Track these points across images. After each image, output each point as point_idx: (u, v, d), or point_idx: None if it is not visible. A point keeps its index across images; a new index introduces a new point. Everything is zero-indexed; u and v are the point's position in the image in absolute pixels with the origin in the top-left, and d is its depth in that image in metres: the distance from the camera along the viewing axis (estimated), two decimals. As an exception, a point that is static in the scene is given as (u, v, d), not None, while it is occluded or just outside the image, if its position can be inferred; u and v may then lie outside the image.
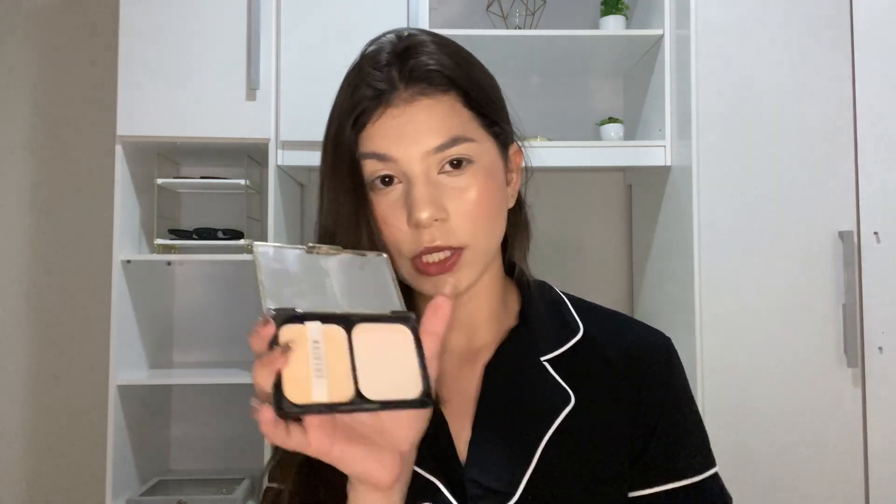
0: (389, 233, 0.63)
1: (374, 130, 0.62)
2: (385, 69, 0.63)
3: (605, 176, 2.22)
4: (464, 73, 0.65)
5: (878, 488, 1.57)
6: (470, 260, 0.63)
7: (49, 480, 2.10)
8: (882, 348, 1.59)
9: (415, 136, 0.61)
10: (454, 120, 0.63)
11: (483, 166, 0.64)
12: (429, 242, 0.61)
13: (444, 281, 0.62)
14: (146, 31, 1.74)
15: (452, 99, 0.63)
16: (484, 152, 0.64)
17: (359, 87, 0.63)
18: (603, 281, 2.20)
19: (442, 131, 0.62)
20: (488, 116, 0.66)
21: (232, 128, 1.76)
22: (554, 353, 0.69)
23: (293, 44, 1.78)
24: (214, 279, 2.15)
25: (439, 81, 0.63)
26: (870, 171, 1.62)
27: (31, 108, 2.16)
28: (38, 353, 2.12)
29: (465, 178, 0.63)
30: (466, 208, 0.62)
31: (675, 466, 0.67)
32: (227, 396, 2.10)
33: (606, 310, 0.76)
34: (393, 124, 0.62)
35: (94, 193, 2.12)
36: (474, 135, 0.64)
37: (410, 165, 0.62)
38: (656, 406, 0.68)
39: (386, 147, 0.62)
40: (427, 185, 0.61)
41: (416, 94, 0.62)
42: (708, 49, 1.66)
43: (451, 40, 0.68)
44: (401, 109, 0.62)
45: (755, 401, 1.60)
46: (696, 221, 1.64)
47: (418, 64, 0.63)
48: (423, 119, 0.62)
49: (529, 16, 2.06)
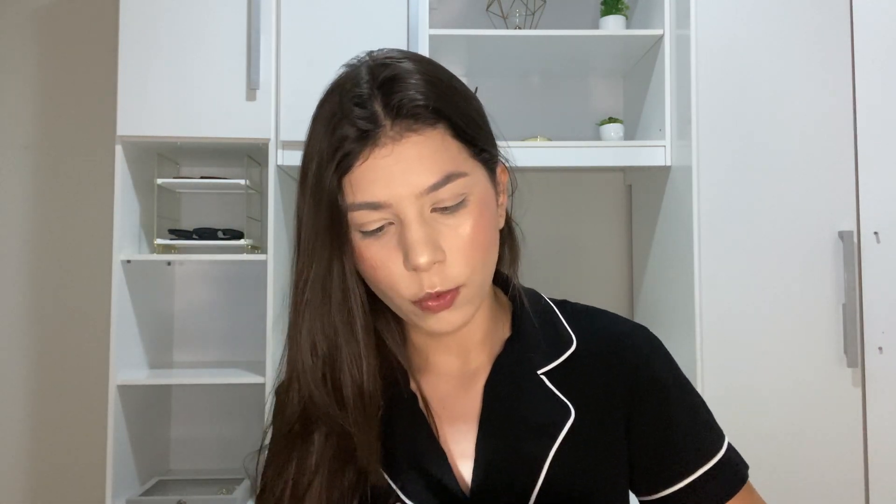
0: (385, 276, 0.61)
1: (361, 174, 0.58)
2: (368, 104, 0.59)
3: (605, 176, 2.22)
4: (450, 102, 0.61)
5: (878, 488, 1.57)
6: (467, 297, 0.62)
7: (49, 480, 2.09)
8: (882, 348, 1.59)
9: (405, 176, 0.58)
10: (444, 155, 0.59)
11: (476, 199, 0.61)
12: (429, 288, 0.60)
13: (444, 318, 0.61)
14: (146, 30, 1.74)
15: (441, 132, 0.60)
16: (476, 183, 0.62)
17: (340, 126, 0.59)
18: (603, 281, 2.20)
19: (434, 169, 0.58)
20: (477, 144, 0.63)
21: (232, 128, 1.76)
22: (550, 365, 0.68)
23: (293, 44, 1.78)
24: (214, 279, 2.15)
25: (426, 115, 0.59)
26: (870, 171, 1.62)
27: (32, 107, 2.16)
28: (39, 353, 2.12)
29: (459, 216, 0.60)
30: (462, 247, 0.60)
31: (689, 458, 0.67)
32: (227, 396, 2.10)
33: (591, 311, 0.75)
34: (381, 165, 0.58)
35: (94, 193, 2.12)
36: (465, 167, 0.61)
37: (402, 207, 0.58)
38: (651, 404, 0.68)
39: (377, 193, 0.58)
40: (422, 226, 0.59)
41: (403, 131, 0.58)
42: (708, 49, 1.66)
43: (429, 62, 0.64)
44: (388, 149, 0.58)
45: (755, 401, 1.60)
46: (696, 221, 1.64)
47: (405, 99, 0.59)
48: (414, 156, 0.58)
49: (529, 16, 2.06)
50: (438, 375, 0.70)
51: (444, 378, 0.70)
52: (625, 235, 2.21)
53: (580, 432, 0.65)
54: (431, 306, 0.60)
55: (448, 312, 0.61)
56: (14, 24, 2.16)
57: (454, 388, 0.69)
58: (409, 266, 0.59)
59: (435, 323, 0.62)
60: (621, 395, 0.68)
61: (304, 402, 0.65)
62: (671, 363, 0.71)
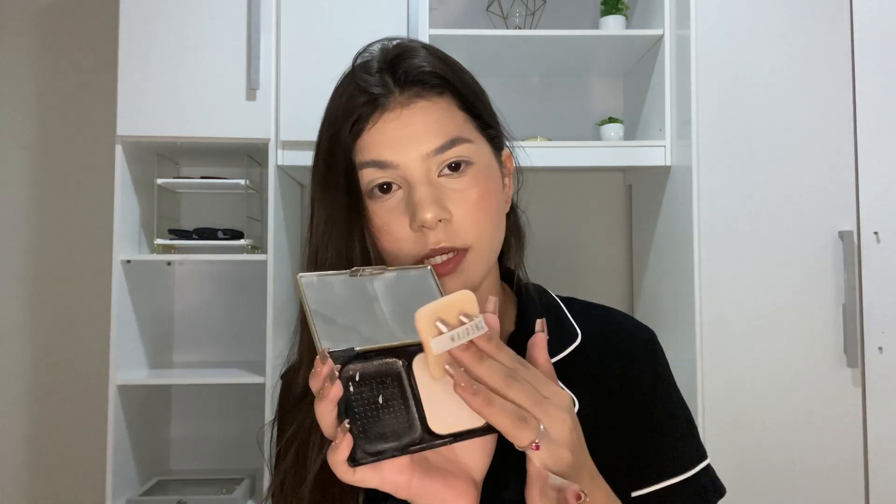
0: (389, 240, 0.62)
1: (371, 137, 0.62)
2: (378, 75, 0.63)
3: (605, 176, 2.22)
4: (456, 75, 0.65)
5: (878, 488, 1.57)
6: (473, 261, 0.63)
7: (49, 480, 2.10)
8: (882, 348, 1.59)
9: (413, 139, 0.61)
10: (451, 121, 0.63)
11: (482, 167, 0.64)
12: (434, 244, 0.61)
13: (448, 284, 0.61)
14: (146, 31, 1.74)
15: (448, 100, 0.63)
16: (481, 154, 0.64)
17: (353, 95, 0.63)
18: (603, 281, 2.20)
19: (441, 133, 0.61)
20: (482, 119, 0.66)
21: (232, 128, 1.76)
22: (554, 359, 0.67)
23: (293, 44, 1.78)
24: (214, 279, 2.15)
25: (434, 83, 0.63)
26: (870, 171, 1.62)
27: (31, 108, 2.16)
28: (39, 353, 2.12)
29: (465, 180, 0.62)
30: (469, 209, 0.62)
31: (668, 463, 0.67)
32: (227, 396, 2.10)
33: (594, 306, 0.75)
34: (390, 128, 0.61)
35: (94, 193, 2.12)
36: (471, 136, 0.64)
37: (410, 169, 0.61)
38: (645, 402, 0.68)
39: (384, 153, 0.61)
40: (429, 186, 0.61)
41: (412, 97, 0.62)
42: (708, 49, 1.66)
43: (438, 49, 0.68)
44: (397, 113, 0.61)
45: (755, 401, 1.60)
46: (696, 221, 1.64)
47: (412, 66, 0.63)
48: (421, 121, 0.61)
49: (529, 16, 2.06)
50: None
51: None
52: (625, 235, 2.21)
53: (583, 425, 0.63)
54: (439, 271, 0.61)
55: (453, 277, 0.62)
56: (14, 24, 2.16)
57: None
58: (416, 224, 0.60)
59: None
60: (618, 389, 0.68)
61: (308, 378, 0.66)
62: (664, 370, 0.71)
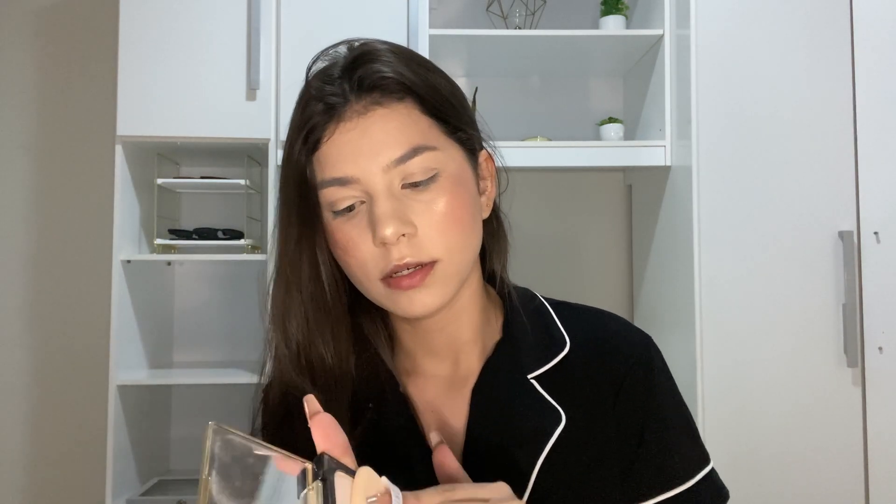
0: (355, 258, 0.59)
1: (328, 150, 0.58)
2: (337, 81, 0.59)
3: (605, 176, 2.22)
4: (419, 77, 0.60)
5: (878, 488, 1.57)
6: (443, 275, 0.59)
7: (49, 480, 2.09)
8: (882, 348, 1.58)
9: (371, 149, 0.57)
10: (412, 128, 0.58)
11: (450, 175, 0.59)
12: (398, 260, 0.57)
13: (417, 298, 0.58)
14: (146, 30, 1.74)
15: (409, 106, 0.59)
16: (449, 160, 0.60)
17: (309, 104, 0.60)
18: (603, 281, 2.20)
19: (400, 141, 0.58)
20: (450, 122, 0.61)
21: (232, 128, 1.76)
22: (541, 369, 0.65)
23: (293, 44, 1.78)
24: (214, 279, 2.15)
25: (393, 88, 0.59)
26: (870, 171, 1.62)
27: (31, 108, 2.16)
28: (39, 353, 2.12)
29: (431, 191, 0.58)
30: (436, 221, 0.58)
31: (666, 475, 0.63)
32: (227, 396, 2.09)
33: (588, 311, 0.71)
34: (347, 139, 0.58)
35: (94, 193, 2.12)
36: (436, 143, 0.59)
37: (371, 182, 0.57)
38: (639, 412, 0.64)
39: (343, 168, 0.58)
40: (390, 199, 0.57)
41: (369, 105, 0.58)
42: (708, 49, 1.66)
43: (407, 49, 0.64)
44: (354, 122, 0.58)
45: (755, 401, 1.60)
46: (696, 221, 1.64)
47: (369, 71, 0.59)
48: (379, 129, 0.58)
49: (529, 16, 2.06)
50: (427, 378, 0.67)
51: (432, 381, 0.67)
52: (625, 235, 2.21)
53: (571, 438, 0.62)
54: (402, 284, 0.58)
55: (420, 292, 0.58)
56: (14, 24, 2.16)
57: (443, 392, 0.66)
58: (377, 240, 0.57)
59: (407, 303, 0.59)
60: (611, 401, 0.64)
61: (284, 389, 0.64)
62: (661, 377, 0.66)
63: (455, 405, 0.65)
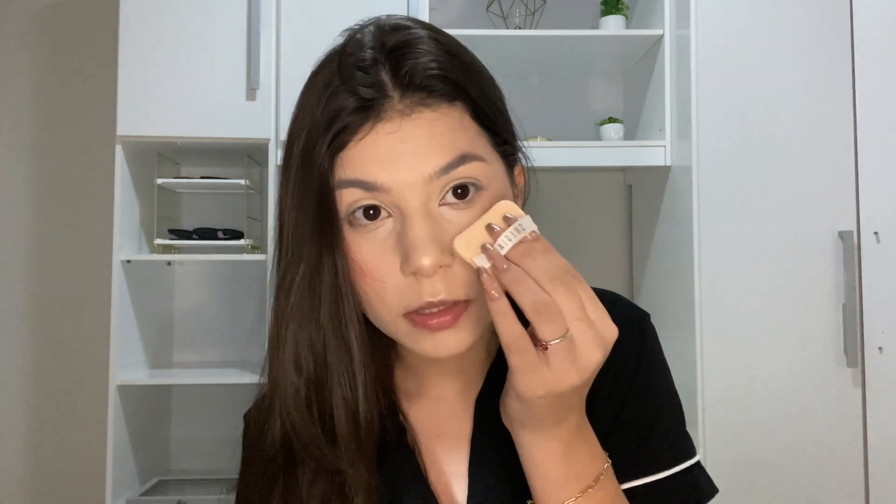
0: (372, 283, 0.50)
1: (358, 152, 0.49)
2: (372, 70, 0.49)
3: (605, 176, 2.22)
4: (471, 78, 0.52)
5: (878, 488, 1.57)
6: (475, 316, 0.51)
7: (49, 480, 2.09)
8: (882, 348, 1.59)
9: (413, 158, 0.48)
10: (461, 134, 0.50)
11: (493, 194, 0.51)
12: (431, 296, 0.49)
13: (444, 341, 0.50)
14: (146, 31, 1.74)
15: (459, 111, 0.50)
16: (494, 176, 0.52)
17: (337, 95, 0.49)
18: (603, 281, 2.18)
19: (448, 147, 0.49)
20: (498, 133, 0.54)
21: (232, 128, 1.76)
22: None
23: (293, 44, 1.78)
24: (214, 279, 2.15)
25: (444, 90, 0.50)
26: (870, 171, 1.62)
27: (31, 107, 2.16)
28: (39, 353, 2.12)
29: (472, 211, 0.50)
30: None
31: (644, 459, 0.58)
32: (227, 396, 2.10)
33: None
34: (384, 143, 0.48)
35: (94, 193, 2.12)
36: (484, 153, 0.51)
37: (405, 196, 0.48)
38: (624, 392, 0.58)
39: (375, 173, 0.48)
40: (427, 219, 0.48)
41: (414, 105, 0.49)
42: (708, 49, 1.66)
43: (446, 34, 0.54)
44: (395, 124, 0.48)
45: (755, 400, 1.60)
46: (696, 221, 1.64)
47: (418, 67, 0.49)
48: (423, 135, 0.48)
49: (529, 16, 2.06)
50: (433, 400, 0.62)
51: (435, 402, 0.62)
52: (625, 235, 2.21)
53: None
54: (431, 324, 0.50)
55: (450, 333, 0.50)
56: (14, 24, 2.16)
57: (449, 411, 0.62)
58: (409, 269, 0.48)
59: (432, 346, 0.51)
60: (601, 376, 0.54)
61: (286, 433, 0.56)
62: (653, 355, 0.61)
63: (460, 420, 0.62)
